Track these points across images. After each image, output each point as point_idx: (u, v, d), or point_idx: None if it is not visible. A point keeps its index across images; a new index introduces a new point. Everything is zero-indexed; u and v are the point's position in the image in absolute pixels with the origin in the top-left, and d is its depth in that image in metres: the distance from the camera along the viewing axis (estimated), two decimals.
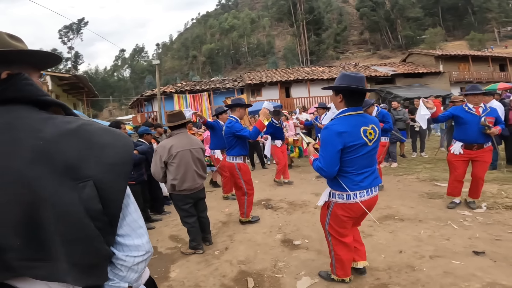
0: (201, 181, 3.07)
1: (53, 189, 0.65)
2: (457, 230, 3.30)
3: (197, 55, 62.37)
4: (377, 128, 2.08)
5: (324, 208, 2.26)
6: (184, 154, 2.90)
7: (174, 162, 2.86)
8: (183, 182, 2.88)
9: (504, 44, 40.15)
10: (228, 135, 3.64)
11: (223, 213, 4.54)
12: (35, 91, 0.74)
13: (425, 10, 48.64)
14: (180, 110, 3.15)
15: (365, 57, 48.24)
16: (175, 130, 3.03)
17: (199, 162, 3.04)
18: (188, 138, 3.05)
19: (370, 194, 2.07)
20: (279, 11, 47.52)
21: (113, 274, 0.76)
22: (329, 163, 1.96)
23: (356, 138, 1.96)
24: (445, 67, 21.06)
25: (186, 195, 2.96)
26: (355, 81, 1.96)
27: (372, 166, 2.09)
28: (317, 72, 20.06)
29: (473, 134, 3.67)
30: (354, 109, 2.03)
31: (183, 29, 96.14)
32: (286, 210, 4.36)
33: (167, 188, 2.98)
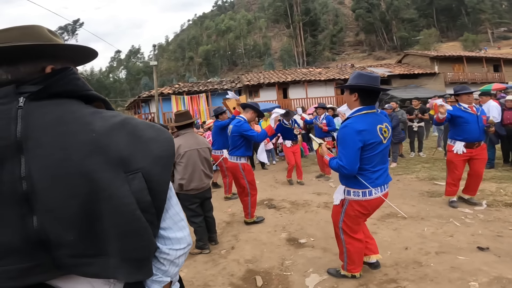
0: (208, 181, 3.09)
1: (110, 180, 0.65)
2: (460, 227, 3.36)
3: (193, 56, 62.29)
4: (389, 127, 2.14)
5: (338, 206, 2.28)
6: (191, 154, 2.91)
7: (182, 162, 2.87)
8: (190, 181, 2.89)
9: (497, 45, 40.71)
10: (235, 134, 3.64)
11: (226, 213, 4.55)
12: (82, 86, 0.75)
13: (420, 11, 49.21)
14: (187, 110, 3.16)
15: (360, 58, 48.61)
16: (182, 129, 3.04)
17: (206, 161, 3.06)
18: (195, 138, 3.06)
19: (383, 191, 2.12)
20: (275, 12, 47.68)
21: (155, 269, 0.76)
22: (351, 161, 1.99)
23: (374, 136, 2.01)
24: (440, 68, 21.31)
25: (193, 194, 2.97)
26: (371, 81, 2.01)
27: (385, 164, 2.14)
28: (314, 73, 20.17)
29: (475, 133, 3.73)
30: (369, 107, 2.08)
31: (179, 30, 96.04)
32: (289, 210, 4.39)
33: (174, 188, 2.98)
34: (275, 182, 6.28)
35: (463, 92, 3.80)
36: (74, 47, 0.78)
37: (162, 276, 0.77)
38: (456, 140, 3.82)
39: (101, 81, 57.07)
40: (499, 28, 48.55)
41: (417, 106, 7.67)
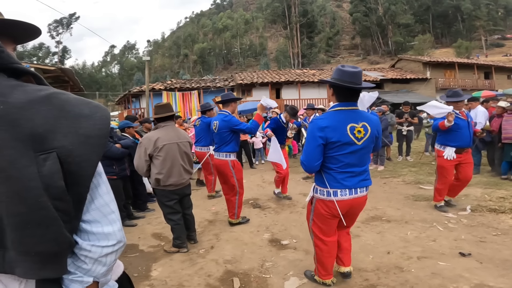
0: (188, 177, 2.97)
1: (12, 159, 0.56)
2: (443, 231, 3.32)
3: (188, 53, 61.85)
4: (369, 127, 1.94)
5: (308, 204, 2.23)
6: (170, 148, 2.79)
7: (160, 156, 2.74)
8: (168, 176, 2.77)
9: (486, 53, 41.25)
10: (224, 130, 3.49)
11: (210, 211, 4.44)
12: (7, 58, 0.66)
13: (416, 16, 49.74)
14: (168, 102, 3.03)
15: (355, 61, 48.93)
16: (162, 122, 2.91)
17: (186, 156, 2.93)
18: (175, 131, 2.93)
19: (353, 194, 1.98)
20: (273, 12, 47.66)
21: (75, 267, 0.67)
22: (309, 157, 1.95)
23: (340, 135, 1.88)
24: (432, 74, 21.55)
25: (171, 190, 2.85)
26: (346, 76, 1.87)
27: (361, 167, 1.98)
28: (308, 75, 20.18)
29: (466, 139, 3.71)
30: (344, 104, 1.95)
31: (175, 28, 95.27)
32: (274, 210, 4.30)
33: (151, 183, 2.86)
34: (262, 182, 6.19)
35: (453, 100, 3.76)
36: (12, 22, 0.70)
37: (83, 275, 0.67)
38: (447, 146, 3.76)
39: (92, 75, 56.23)
40: (493, 35, 49.41)
41: (407, 110, 7.68)
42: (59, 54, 57.46)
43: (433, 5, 49.36)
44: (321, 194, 2.04)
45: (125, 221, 4.01)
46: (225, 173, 3.59)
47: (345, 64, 1.96)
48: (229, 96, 3.64)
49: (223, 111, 3.62)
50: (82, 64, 62.64)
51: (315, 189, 2.10)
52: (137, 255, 3.18)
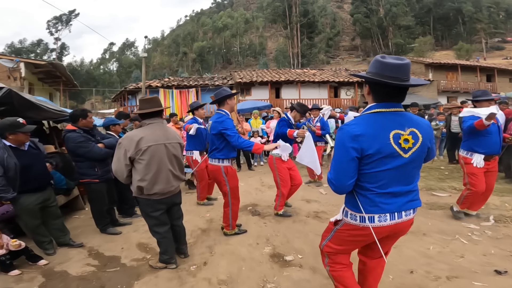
0: (177, 183, 2.55)
1: None
2: (468, 245, 2.97)
3: (187, 52, 61.33)
4: (420, 134, 1.47)
5: (331, 224, 1.79)
6: (157, 150, 2.37)
7: (143, 159, 2.32)
8: (153, 184, 2.35)
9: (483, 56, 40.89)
10: (216, 131, 3.05)
11: (203, 218, 4.02)
12: None
13: (417, 18, 49.48)
14: (156, 96, 2.61)
15: (355, 63, 48.58)
16: (148, 119, 2.48)
17: (176, 160, 2.51)
18: (163, 130, 2.50)
19: (395, 219, 1.52)
20: (273, 12, 47.16)
21: None
22: (339, 175, 1.48)
23: (381, 145, 1.42)
24: (434, 76, 21.24)
25: (157, 200, 2.42)
26: (388, 70, 1.38)
27: (407, 185, 1.51)
28: (309, 74, 19.80)
29: (496, 145, 3.34)
30: (384, 105, 1.47)
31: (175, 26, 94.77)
32: (274, 218, 3.89)
33: (133, 191, 2.43)
34: (261, 185, 5.78)
35: (486, 98, 3.37)
36: None
37: None
38: (475, 153, 3.37)
39: (90, 72, 55.67)
40: (494, 38, 49.23)
41: (415, 112, 7.29)
42: (57, 51, 56.86)
43: (435, 7, 49.15)
44: (353, 218, 1.58)
45: (108, 228, 3.59)
46: (218, 179, 3.21)
47: (386, 55, 1.47)
48: (222, 94, 3.14)
49: (219, 110, 3.16)
50: (80, 61, 62.06)
51: (344, 211, 1.66)
52: (117, 269, 2.76)
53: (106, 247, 3.26)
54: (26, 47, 53.95)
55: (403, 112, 1.49)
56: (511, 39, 50.00)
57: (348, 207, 1.61)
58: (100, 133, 3.70)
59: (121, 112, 4.81)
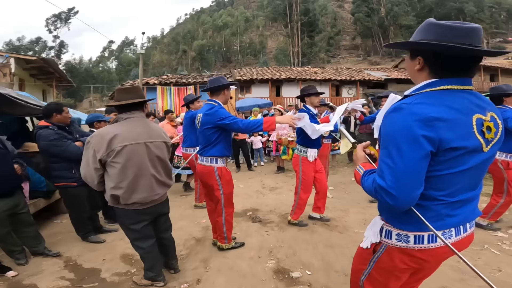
0: (163, 191, 2.12)
1: None
2: (500, 256, 2.62)
3: (187, 50, 60.89)
4: (498, 120, 1.07)
5: (366, 251, 1.30)
6: (135, 150, 1.94)
7: (117, 162, 1.89)
8: (132, 192, 1.92)
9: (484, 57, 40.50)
10: (208, 126, 2.60)
11: (199, 225, 3.63)
12: None
13: (418, 18, 49.08)
14: (137, 86, 2.17)
15: (355, 62, 48.15)
16: (125, 112, 2.04)
17: (160, 162, 2.08)
18: (144, 126, 2.06)
19: (461, 234, 1.12)
20: (274, 10, 46.73)
21: None
22: (404, 181, 0.99)
23: (464, 135, 0.99)
24: None
25: (138, 210, 1.99)
26: (456, 35, 0.98)
27: (476, 189, 1.13)
28: (310, 73, 19.43)
29: None
30: (456, 81, 1.03)
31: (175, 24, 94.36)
32: (277, 225, 3.49)
33: (107, 199, 2.02)
34: (262, 188, 5.39)
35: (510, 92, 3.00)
36: None
37: None
38: None
39: (89, 70, 55.31)
40: (495, 38, 48.85)
41: None
42: (56, 49, 56.45)
43: (436, 7, 48.78)
44: (403, 240, 1.13)
45: (90, 236, 3.20)
46: (209, 184, 2.72)
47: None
48: (220, 82, 2.69)
49: (211, 100, 2.71)
50: (79, 59, 61.65)
51: (386, 231, 1.18)
52: (95, 286, 2.37)
53: (86, 257, 2.87)
54: (24, 45, 53.59)
55: (475, 91, 1.08)
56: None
57: (394, 224, 1.15)
58: (81, 131, 3.28)
59: (108, 109, 4.33)
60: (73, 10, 57.82)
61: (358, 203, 4.20)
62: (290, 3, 44.36)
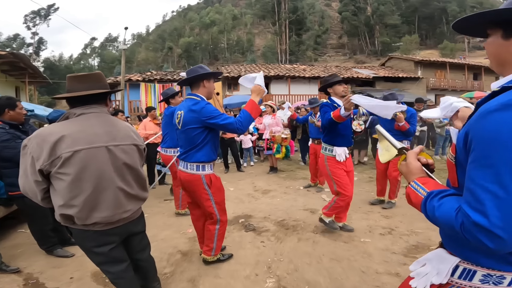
0: (135, 206, 1.64)
1: None
2: None
3: (173, 47, 59.72)
4: None
5: None
6: (92, 157, 1.44)
7: (66, 173, 1.40)
8: (91, 210, 1.45)
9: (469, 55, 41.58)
10: (192, 125, 2.16)
11: (185, 235, 3.21)
12: None
13: (403, 17, 50.01)
14: (97, 72, 1.63)
15: (341, 61, 48.45)
16: (79, 107, 1.53)
17: (131, 171, 1.59)
18: (105, 125, 1.54)
19: None
20: (263, 8, 46.41)
21: None
22: None
23: None
24: (423, 73, 21.14)
25: (102, 231, 1.52)
26: None
27: None
28: (299, 70, 19.23)
29: None
30: None
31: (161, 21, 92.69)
32: (274, 235, 3.12)
33: (57, 218, 1.56)
34: (254, 191, 5.01)
35: None
36: None
37: None
38: None
39: (69, 67, 53.39)
40: (475, 38, 50.16)
41: (420, 108, 6.70)
42: (34, 46, 54.10)
43: (420, 6, 49.75)
44: (493, 282, 0.78)
45: (56, 249, 2.76)
46: (197, 194, 2.30)
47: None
48: (197, 71, 2.23)
49: (192, 95, 2.27)
50: (58, 56, 59.32)
51: (464, 271, 0.83)
52: None
53: (50, 274, 2.44)
54: (1, 42, 51.12)
55: None
56: None
57: (481, 262, 0.80)
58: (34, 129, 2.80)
59: None
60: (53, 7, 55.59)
61: (359, 208, 3.89)
62: (279, 1, 44.21)
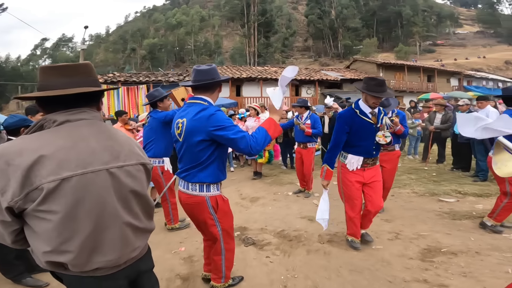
0: (144, 241, 1.26)
1: None
2: None
3: (136, 48, 57.15)
4: None
5: None
6: (88, 185, 1.01)
7: (53, 211, 0.96)
8: (91, 253, 1.05)
9: (420, 58, 44.83)
10: (197, 137, 1.79)
11: (178, 255, 2.85)
12: None
13: (363, 21, 52.78)
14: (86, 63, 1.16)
15: (307, 63, 49.80)
16: (60, 112, 1.07)
17: (139, 200, 1.18)
18: (105, 137, 1.12)
19: None
20: (232, 10, 46.33)
21: None
22: None
23: None
24: (385, 75, 22.28)
25: (105, 276, 1.12)
26: None
27: None
28: (270, 72, 19.30)
29: None
30: None
31: (123, 22, 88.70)
32: (278, 248, 2.87)
33: (39, 264, 1.14)
34: (241, 199, 4.72)
35: None
36: None
37: None
38: None
39: (17, 69, 48.69)
40: (426, 41, 54.47)
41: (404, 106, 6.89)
42: None
43: (379, 10, 52.86)
44: None
45: (25, 278, 2.31)
46: (200, 218, 1.97)
47: None
48: (217, 75, 1.91)
49: (198, 99, 1.90)
50: (5, 57, 53.77)
51: None
52: None
53: None
54: None
55: None
56: (441, 42, 56.06)
57: None
58: None
59: (30, 107, 2.83)
60: (2, 6, 50.36)
61: None
62: (248, 3, 44.37)
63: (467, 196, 4.33)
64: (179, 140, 1.92)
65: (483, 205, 3.85)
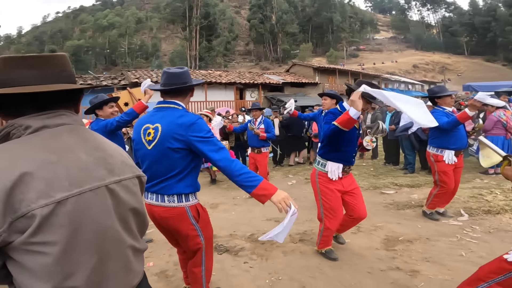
0: (141, 266, 1.07)
1: None
2: (481, 245, 2.75)
3: (56, 50, 51.05)
4: None
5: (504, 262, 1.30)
6: (86, 207, 0.82)
7: (50, 243, 0.75)
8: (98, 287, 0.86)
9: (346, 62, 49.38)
10: (175, 145, 1.66)
11: (149, 271, 2.63)
12: None
13: (300, 26, 56.16)
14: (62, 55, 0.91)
15: (248, 67, 50.94)
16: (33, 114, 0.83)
17: (137, 218, 1.01)
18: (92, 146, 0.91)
19: None
20: (173, 12, 44.70)
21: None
22: None
23: None
24: (320, 79, 24.05)
25: None
26: None
27: None
28: (215, 76, 19.14)
29: (464, 140, 3.33)
30: None
31: (40, 22, 78.54)
32: (254, 253, 2.88)
33: None
34: (213, 199, 4.64)
35: (446, 94, 3.39)
36: None
37: None
38: (446, 149, 3.27)
39: None
40: (351, 46, 60.40)
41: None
42: None
43: (314, 16, 56.89)
44: None
45: None
46: (180, 230, 1.80)
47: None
48: (190, 78, 1.84)
49: (170, 103, 1.79)
50: None
51: None
52: None
53: None
54: None
55: None
56: (363, 47, 62.77)
57: None
58: None
59: None
60: None
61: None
62: (191, 5, 43.34)
63: (403, 187, 4.88)
64: (146, 148, 1.74)
65: (417, 195, 4.38)
